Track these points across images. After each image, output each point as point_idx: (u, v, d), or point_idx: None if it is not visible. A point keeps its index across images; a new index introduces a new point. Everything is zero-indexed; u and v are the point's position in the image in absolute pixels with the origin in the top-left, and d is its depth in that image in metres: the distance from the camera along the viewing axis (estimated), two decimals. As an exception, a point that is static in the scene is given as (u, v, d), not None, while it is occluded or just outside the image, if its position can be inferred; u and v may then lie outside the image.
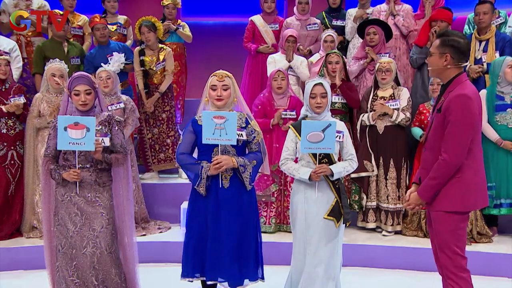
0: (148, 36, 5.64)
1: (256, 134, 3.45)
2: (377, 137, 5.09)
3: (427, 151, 3.14)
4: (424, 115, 5.06)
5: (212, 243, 3.35)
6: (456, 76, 3.05)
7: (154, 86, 5.76)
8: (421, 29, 5.68)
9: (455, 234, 3.04)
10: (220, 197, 3.35)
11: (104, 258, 3.31)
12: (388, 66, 5.07)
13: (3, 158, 5.01)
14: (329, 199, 3.46)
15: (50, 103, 4.94)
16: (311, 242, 3.44)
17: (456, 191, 3.01)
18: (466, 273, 3.05)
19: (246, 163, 3.34)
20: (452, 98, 2.96)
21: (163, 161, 5.88)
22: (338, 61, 5.20)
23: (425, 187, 3.07)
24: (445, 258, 3.06)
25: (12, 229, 5.04)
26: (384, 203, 5.10)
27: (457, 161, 2.96)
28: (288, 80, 5.10)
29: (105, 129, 3.39)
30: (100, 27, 5.74)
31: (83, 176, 3.32)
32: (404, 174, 5.11)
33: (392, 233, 5.11)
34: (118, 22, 6.45)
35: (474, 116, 2.97)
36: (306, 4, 6.24)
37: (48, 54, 5.46)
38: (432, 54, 3.11)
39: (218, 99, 3.36)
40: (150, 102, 5.69)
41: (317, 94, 3.50)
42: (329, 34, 5.80)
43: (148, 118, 5.81)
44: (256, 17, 6.44)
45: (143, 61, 5.69)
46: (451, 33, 3.11)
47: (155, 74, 5.73)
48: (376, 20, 5.76)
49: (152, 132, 5.82)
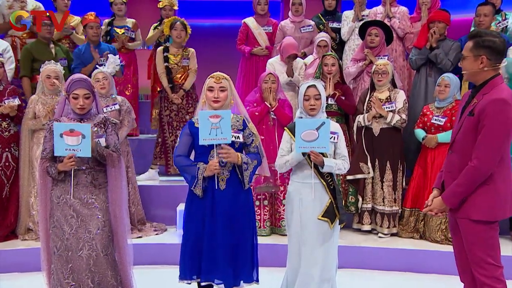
0: (180, 33, 5.74)
1: (254, 137, 3.44)
2: (373, 139, 5.09)
3: (455, 154, 3.00)
4: (428, 116, 5.04)
5: (208, 245, 3.34)
6: (492, 78, 2.92)
7: (178, 85, 5.77)
8: (420, 31, 5.70)
9: (486, 243, 2.90)
10: (217, 199, 3.34)
11: (100, 260, 3.29)
12: (384, 68, 5.06)
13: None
14: (323, 200, 3.46)
15: (45, 105, 4.92)
16: (306, 244, 3.43)
17: (486, 199, 2.88)
18: (501, 284, 2.91)
19: (249, 162, 3.34)
20: (489, 102, 2.82)
21: None
22: (334, 63, 5.20)
23: (451, 193, 2.95)
24: (478, 269, 2.93)
25: (7, 231, 5.01)
26: (380, 205, 5.09)
27: (488, 169, 2.84)
28: (278, 83, 5.09)
29: (101, 130, 3.39)
30: (94, 26, 5.75)
31: (79, 178, 3.30)
32: (400, 177, 5.11)
33: (388, 235, 5.10)
34: (126, 26, 6.48)
35: (510, 123, 2.85)
36: (300, 5, 6.24)
37: (36, 56, 5.44)
38: (465, 58, 2.95)
39: (215, 101, 3.36)
40: (177, 95, 5.70)
41: (311, 96, 3.49)
42: (323, 39, 5.79)
43: (171, 121, 5.81)
44: (249, 19, 6.44)
45: (167, 57, 5.74)
46: (484, 33, 2.95)
47: (179, 70, 5.76)
48: (379, 21, 5.75)
49: (175, 135, 5.79)
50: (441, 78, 5.01)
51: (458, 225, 3.03)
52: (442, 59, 5.30)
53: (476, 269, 2.94)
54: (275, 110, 4.97)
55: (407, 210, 5.13)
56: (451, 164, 3.02)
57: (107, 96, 5.01)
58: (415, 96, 5.53)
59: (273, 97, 4.98)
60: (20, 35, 6.01)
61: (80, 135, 3.15)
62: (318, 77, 5.27)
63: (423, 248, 4.85)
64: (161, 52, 5.80)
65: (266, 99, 4.98)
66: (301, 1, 6.25)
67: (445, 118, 4.90)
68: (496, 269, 2.92)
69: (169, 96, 5.74)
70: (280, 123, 4.92)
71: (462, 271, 3.14)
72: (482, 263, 2.91)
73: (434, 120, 4.98)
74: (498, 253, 2.95)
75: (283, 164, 3.54)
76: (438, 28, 5.35)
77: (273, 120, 5.02)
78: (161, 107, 5.86)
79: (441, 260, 4.50)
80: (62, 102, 3.42)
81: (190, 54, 5.85)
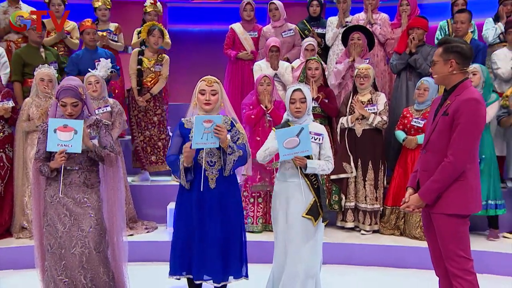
0: (158, 40, 5.73)
1: (241, 136, 3.45)
2: (356, 140, 5.12)
3: (429, 153, 3.05)
4: (408, 119, 5.09)
5: (198, 242, 3.35)
6: (462, 82, 2.98)
7: (146, 88, 5.74)
8: (400, 37, 5.74)
9: (458, 237, 2.96)
10: (206, 197, 3.34)
11: (93, 257, 3.27)
12: (366, 72, 5.11)
13: (-8, 161, 4.97)
14: (307, 199, 3.46)
15: (39, 107, 4.90)
16: (291, 241, 3.44)
17: (459, 194, 2.94)
18: (471, 276, 2.97)
19: (234, 148, 3.33)
20: (462, 101, 2.89)
21: (155, 163, 5.84)
22: (317, 67, 5.23)
23: (427, 189, 2.99)
24: (450, 262, 2.98)
25: (2, 230, 4.98)
26: (362, 203, 5.13)
27: (463, 164, 2.90)
28: (274, 85, 5.11)
29: (93, 132, 3.38)
30: (90, 32, 5.73)
31: (72, 178, 3.29)
32: (381, 176, 5.15)
33: (370, 232, 5.14)
34: (109, 29, 6.44)
35: (483, 121, 2.93)
36: (276, 10, 6.26)
37: (27, 60, 5.39)
38: (436, 62, 3.02)
39: (206, 103, 3.37)
40: (143, 98, 5.68)
41: (296, 100, 3.51)
42: (310, 43, 5.83)
43: (139, 121, 5.78)
44: (236, 25, 6.45)
45: (141, 60, 5.72)
46: (452, 40, 3.03)
47: (150, 74, 5.73)
48: (362, 26, 5.80)
49: (144, 135, 5.78)
50: (420, 82, 5.06)
51: (431, 222, 3.08)
52: (421, 63, 5.36)
53: (448, 262, 3.00)
54: (271, 112, 5.00)
55: (388, 208, 5.17)
56: (426, 163, 3.06)
57: (99, 99, 4.99)
58: (396, 99, 5.59)
59: (269, 99, 5.00)
60: (15, 40, 5.96)
61: (73, 131, 3.14)
62: (302, 80, 5.30)
63: (403, 244, 4.90)
64: (136, 54, 5.78)
65: (262, 101, 5.00)
66: (277, 6, 6.26)
67: (424, 121, 4.93)
68: (467, 262, 2.98)
69: (135, 97, 5.73)
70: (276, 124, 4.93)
71: (437, 265, 3.19)
72: (454, 256, 2.97)
73: (414, 122, 5.02)
74: (468, 247, 3.01)
75: (262, 152, 3.55)
76: (417, 34, 5.41)
77: (269, 121, 5.04)
78: (129, 107, 5.82)
79: (420, 256, 4.53)
80: (54, 106, 3.42)
81: (164, 61, 5.81)
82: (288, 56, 6.21)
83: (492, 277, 4.44)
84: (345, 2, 6.27)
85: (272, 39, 5.82)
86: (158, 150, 5.81)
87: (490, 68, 5.64)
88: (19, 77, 5.41)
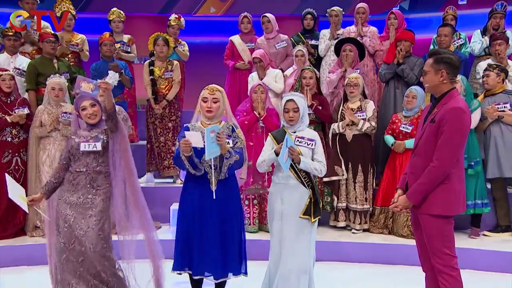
0: (162, 49, 5.78)
1: (239, 140, 3.48)
2: (346, 145, 5.17)
3: (417, 157, 3.09)
4: (396, 124, 5.13)
5: (198, 240, 3.38)
6: (449, 91, 3.02)
7: (162, 95, 5.79)
8: (388, 49, 5.79)
9: (443, 236, 3.00)
10: (208, 198, 3.37)
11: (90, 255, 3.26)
12: (356, 81, 5.16)
13: (8, 164, 5.01)
14: (302, 200, 3.49)
15: (51, 114, 4.97)
16: (286, 239, 3.46)
17: (444, 196, 2.98)
18: (455, 272, 3.01)
19: (232, 153, 3.37)
20: (448, 110, 2.93)
21: (167, 168, 5.88)
22: (311, 77, 5.26)
23: (414, 191, 3.03)
24: (435, 259, 3.02)
25: (17, 229, 5.03)
26: (353, 204, 5.17)
27: (447, 169, 2.94)
28: (267, 94, 5.14)
29: (101, 135, 3.39)
30: (108, 43, 5.81)
31: (79, 180, 3.33)
32: (370, 178, 5.20)
33: (361, 230, 5.18)
34: (122, 41, 6.52)
35: (467, 129, 2.98)
36: (268, 23, 6.30)
37: (41, 70, 5.43)
38: (427, 72, 3.05)
39: (208, 111, 3.42)
40: (159, 106, 5.73)
41: (290, 109, 3.55)
42: (300, 49, 5.88)
43: (155, 128, 5.83)
44: (235, 37, 6.49)
45: (152, 71, 5.78)
46: (442, 52, 3.08)
47: (163, 82, 5.80)
48: (353, 39, 5.87)
49: (159, 141, 5.83)
50: (409, 90, 5.13)
51: (419, 220, 3.12)
52: (408, 73, 5.42)
53: (434, 259, 3.04)
54: (264, 119, 5.02)
55: (378, 208, 5.21)
56: (414, 166, 3.10)
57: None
58: (385, 106, 5.63)
59: (262, 107, 5.01)
60: (29, 51, 6.03)
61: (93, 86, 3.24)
62: (297, 89, 5.36)
63: (392, 242, 4.94)
64: (147, 65, 5.85)
65: (256, 109, 5.04)
66: (269, 19, 6.30)
67: (412, 126, 5.00)
68: (451, 259, 3.02)
69: (152, 106, 5.80)
70: (268, 130, 4.97)
71: (424, 262, 3.22)
72: (440, 254, 3.01)
73: (402, 128, 5.08)
74: (453, 244, 3.05)
75: (260, 163, 3.59)
76: (404, 46, 5.47)
77: (262, 128, 5.06)
78: (147, 115, 5.90)
79: (407, 253, 4.56)
80: (75, 119, 3.48)
81: (173, 67, 5.86)
82: (282, 66, 6.22)
83: (474, 272, 4.48)
84: (337, 16, 6.35)
85: (256, 51, 5.86)
86: (171, 155, 5.81)
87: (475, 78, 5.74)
88: (33, 86, 5.46)
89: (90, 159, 3.34)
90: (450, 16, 6.27)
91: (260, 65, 5.69)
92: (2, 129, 4.99)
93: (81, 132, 3.44)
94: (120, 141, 3.38)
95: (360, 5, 6.38)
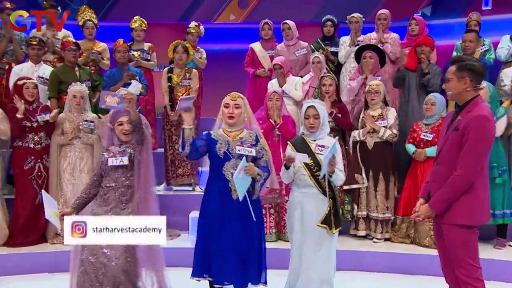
0: (181, 56, 5.81)
1: (265, 152, 3.47)
2: (367, 152, 5.13)
3: (440, 165, 3.06)
4: (417, 132, 5.08)
5: (219, 248, 3.37)
6: (473, 98, 2.98)
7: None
8: (408, 54, 5.74)
9: (467, 246, 2.97)
10: (228, 207, 3.36)
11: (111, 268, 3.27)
12: (376, 88, 5.12)
13: (31, 170, 5.06)
14: (322, 208, 3.48)
15: (72, 122, 5.02)
16: (306, 248, 3.46)
17: (468, 205, 2.93)
18: (480, 283, 2.97)
19: (261, 174, 3.38)
20: (472, 118, 2.90)
21: (181, 176, 5.88)
22: (331, 84, 5.23)
23: (437, 200, 2.99)
24: (459, 270, 2.98)
25: (38, 235, 5.08)
26: (374, 212, 5.12)
27: (471, 177, 2.91)
28: (282, 101, 5.11)
29: (128, 149, 3.42)
30: (121, 50, 5.86)
31: (109, 195, 3.37)
32: (392, 186, 5.14)
33: (382, 240, 5.13)
34: (143, 49, 6.56)
35: (491, 137, 2.95)
36: (289, 30, 6.28)
37: (63, 78, 5.49)
38: (450, 80, 3.01)
39: (230, 117, 3.42)
40: (175, 113, 5.74)
41: (310, 116, 3.56)
42: (316, 55, 5.87)
43: (171, 135, 5.87)
44: (255, 44, 6.50)
45: (170, 78, 5.83)
46: (465, 58, 3.05)
47: (180, 89, 5.82)
48: (373, 45, 5.83)
49: (174, 148, 5.84)
50: (428, 97, 5.08)
51: (442, 230, 3.07)
52: (433, 84, 5.39)
53: (458, 270, 2.99)
54: (280, 127, 4.98)
55: (399, 218, 5.15)
56: (437, 175, 3.06)
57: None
58: (404, 115, 5.56)
59: (278, 114, 4.97)
60: (51, 60, 6.11)
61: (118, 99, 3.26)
62: (317, 96, 5.33)
63: (414, 252, 4.88)
64: (166, 72, 5.89)
65: (271, 116, 5.02)
66: (289, 26, 6.29)
67: (433, 134, 4.95)
68: (476, 270, 2.97)
69: (168, 112, 5.83)
70: (285, 138, 4.96)
71: (447, 273, 3.17)
72: (464, 264, 2.96)
73: (423, 136, 5.02)
74: (477, 255, 3.01)
75: (282, 174, 3.60)
76: (424, 51, 5.43)
77: (278, 136, 5.03)
78: (163, 122, 5.94)
79: (430, 263, 4.46)
80: (109, 132, 3.53)
81: (192, 75, 5.88)
82: (302, 73, 6.21)
83: (499, 284, 4.39)
84: (357, 22, 6.31)
85: (277, 58, 5.86)
86: (186, 163, 5.83)
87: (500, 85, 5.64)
88: (55, 93, 5.52)
89: (118, 174, 3.40)
90: (473, 22, 6.18)
91: (281, 72, 5.68)
92: (24, 136, 5.06)
93: (112, 148, 3.49)
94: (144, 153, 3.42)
95: (381, 12, 6.33)
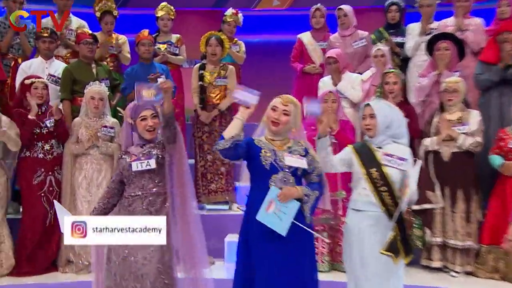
0: (215, 49, 5.85)
1: (317, 164, 3.44)
2: (443, 165, 5.04)
3: None
4: (505, 141, 4.97)
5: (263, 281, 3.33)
6: None
7: (211, 106, 5.83)
8: (487, 45, 5.64)
9: None
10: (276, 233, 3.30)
11: None
12: (455, 87, 5.03)
13: (41, 185, 5.09)
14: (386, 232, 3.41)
15: (89, 128, 5.05)
16: (367, 282, 3.41)
17: None
18: None
19: (309, 193, 3.34)
20: None
21: (214, 192, 5.88)
22: (396, 82, 5.20)
23: None
24: None
25: (48, 262, 5.11)
26: (452, 239, 4.99)
27: None
28: (339, 103, 5.09)
29: (153, 151, 3.45)
30: (146, 43, 5.90)
31: (135, 205, 3.40)
32: (474, 207, 5.02)
33: (462, 273, 5.00)
34: (170, 41, 6.61)
35: None
36: (345, 17, 6.29)
37: (78, 76, 5.56)
38: None
39: (274, 123, 3.38)
40: (207, 114, 5.75)
41: (366, 115, 3.53)
42: (379, 48, 5.82)
43: (202, 144, 5.88)
44: (304, 35, 6.55)
45: (202, 76, 5.86)
46: None
47: (214, 90, 5.86)
48: (449, 34, 5.72)
49: (205, 159, 5.85)
50: None
51: None
52: None
53: None
54: (336, 134, 4.86)
55: (485, 247, 5.00)
56: None
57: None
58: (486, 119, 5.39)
59: (334, 119, 4.89)
60: (63, 55, 6.24)
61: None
62: (379, 96, 5.29)
63: (504, 291, 4.73)
64: (197, 69, 5.92)
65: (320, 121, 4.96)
66: (346, 12, 6.27)
67: (526, 143, 4.84)
68: None
69: (199, 113, 5.82)
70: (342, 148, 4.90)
71: None
72: None
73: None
74: None
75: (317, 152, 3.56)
76: (509, 39, 5.28)
77: (334, 144, 4.96)
78: (194, 128, 5.94)
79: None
80: (129, 130, 3.56)
81: (228, 72, 5.89)
82: (360, 69, 6.20)
83: None
84: (429, 6, 6.21)
85: (331, 50, 5.85)
86: (220, 177, 5.84)
87: None
88: (69, 95, 5.57)
89: (145, 180, 3.43)
90: None
91: (336, 67, 5.66)
92: (32, 144, 5.11)
93: (132, 149, 3.50)
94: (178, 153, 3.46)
95: (462, -10, 6.20)
